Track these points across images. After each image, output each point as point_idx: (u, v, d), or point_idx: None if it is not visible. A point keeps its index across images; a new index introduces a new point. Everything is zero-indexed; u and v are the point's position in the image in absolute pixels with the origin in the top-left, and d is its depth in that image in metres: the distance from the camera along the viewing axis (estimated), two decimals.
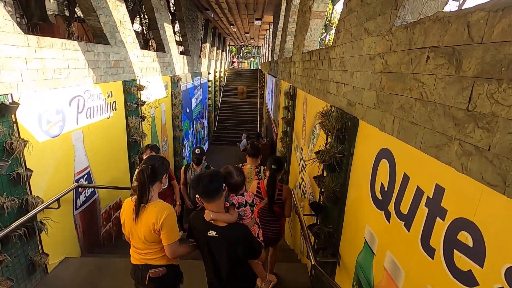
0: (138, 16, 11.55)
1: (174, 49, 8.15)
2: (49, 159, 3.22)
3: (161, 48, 7.26)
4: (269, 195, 2.78)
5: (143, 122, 5.78)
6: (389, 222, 1.56)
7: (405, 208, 1.42)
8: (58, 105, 3.33)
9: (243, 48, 47.78)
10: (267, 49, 18.26)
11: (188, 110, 9.97)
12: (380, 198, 1.68)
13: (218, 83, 18.88)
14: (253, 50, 46.23)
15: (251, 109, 20.02)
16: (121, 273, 3.33)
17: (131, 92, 5.13)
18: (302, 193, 4.14)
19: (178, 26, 10.23)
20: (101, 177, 4.34)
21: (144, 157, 3.01)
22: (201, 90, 12.33)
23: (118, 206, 4.97)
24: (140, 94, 5.60)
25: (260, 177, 3.34)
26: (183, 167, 4.42)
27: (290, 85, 5.57)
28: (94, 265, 3.52)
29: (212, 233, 1.77)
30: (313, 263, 2.39)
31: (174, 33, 10.73)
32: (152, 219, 1.76)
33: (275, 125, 9.22)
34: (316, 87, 3.44)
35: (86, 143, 3.97)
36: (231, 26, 15.90)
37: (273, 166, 2.79)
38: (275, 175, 2.81)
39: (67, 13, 10.86)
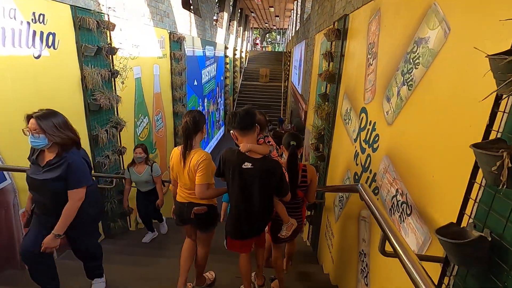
0: None
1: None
2: None
3: None
4: (292, 176, 2.18)
5: (115, 79, 4.00)
6: None
7: None
8: None
9: (267, 35, 45.95)
10: (294, 25, 16.01)
11: (196, 83, 8.16)
12: None
13: (238, 63, 16.98)
14: (278, 37, 44.25)
15: (274, 93, 17.98)
16: None
17: (89, 27, 3.34)
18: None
19: None
20: (22, 155, 2.61)
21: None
22: (215, 64, 10.48)
23: None
24: (109, 36, 3.81)
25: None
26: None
27: (334, 21, 3.52)
28: None
29: (247, 165, 1.86)
30: None
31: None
32: (195, 161, 2.03)
33: (303, 101, 7.19)
34: None
35: None
36: None
37: (292, 143, 2.23)
38: (296, 152, 2.24)
39: None
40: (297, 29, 11.54)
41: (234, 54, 15.51)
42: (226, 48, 12.74)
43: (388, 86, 1.84)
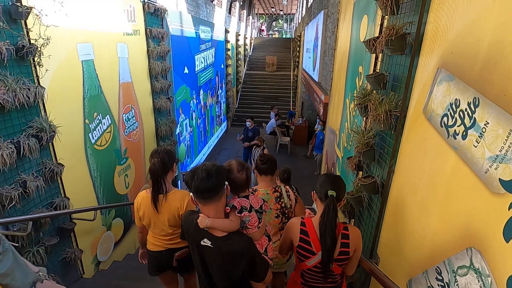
0: None
1: None
2: None
3: None
4: (328, 246, 1.46)
5: (34, 59, 2.51)
6: None
7: None
8: None
9: (274, 24, 44.36)
10: (304, 4, 14.20)
11: (187, 71, 6.64)
12: None
13: (242, 51, 15.32)
14: (285, 26, 42.57)
15: (283, 83, 16.30)
16: None
17: None
18: None
19: None
20: None
21: None
22: (213, 49, 8.91)
23: None
24: None
25: (283, 205, 2.07)
26: None
27: None
28: None
29: (206, 242, 1.42)
30: None
31: None
32: (177, 205, 1.90)
33: (322, 91, 5.59)
34: None
35: None
36: None
37: (330, 193, 1.47)
38: (335, 208, 1.46)
39: None
40: (309, 5, 9.82)
41: (237, 40, 13.85)
42: (227, 31, 11.11)
43: None
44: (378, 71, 2.19)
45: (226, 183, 1.43)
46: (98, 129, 3.61)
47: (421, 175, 1.55)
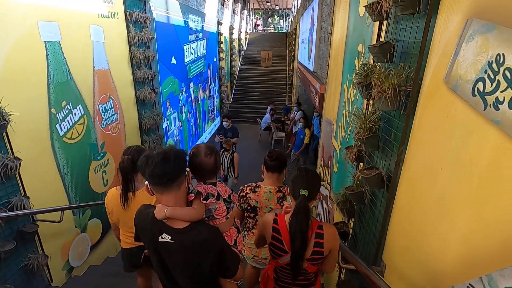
0: None
1: None
2: None
3: None
4: (297, 248, 1.37)
5: None
6: None
7: None
8: None
9: (270, 20, 44.09)
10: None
11: (174, 62, 6.24)
12: None
13: (236, 45, 14.91)
14: (281, 22, 42.35)
15: (278, 78, 15.93)
16: None
17: None
18: None
19: None
20: None
21: None
22: (204, 40, 8.50)
23: None
24: None
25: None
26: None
27: None
28: None
29: (165, 237, 1.20)
30: None
31: None
32: (145, 203, 1.66)
33: (317, 80, 5.25)
34: None
35: None
36: None
37: (302, 192, 1.36)
38: (307, 208, 1.37)
39: None
40: None
41: (231, 33, 13.44)
42: (219, 23, 10.70)
43: None
44: (380, 38, 1.85)
45: (188, 169, 1.26)
46: (68, 120, 3.23)
47: (442, 163, 1.20)
